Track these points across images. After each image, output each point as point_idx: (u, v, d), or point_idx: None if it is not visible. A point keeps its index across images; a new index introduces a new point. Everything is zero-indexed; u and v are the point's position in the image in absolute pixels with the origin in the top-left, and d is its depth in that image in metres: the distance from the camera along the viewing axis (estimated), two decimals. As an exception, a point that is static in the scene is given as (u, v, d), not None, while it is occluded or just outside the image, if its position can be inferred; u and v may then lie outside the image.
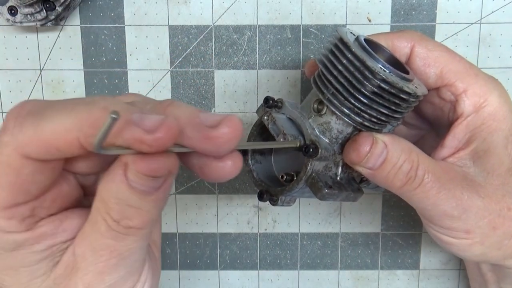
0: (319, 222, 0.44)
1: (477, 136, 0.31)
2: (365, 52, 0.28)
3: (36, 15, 0.38)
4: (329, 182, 0.30)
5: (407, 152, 0.29)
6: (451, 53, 0.32)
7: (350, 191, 0.31)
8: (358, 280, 0.45)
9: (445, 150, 0.31)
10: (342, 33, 0.29)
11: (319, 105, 0.30)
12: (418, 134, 0.37)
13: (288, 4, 0.40)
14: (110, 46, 0.41)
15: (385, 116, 0.29)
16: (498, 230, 0.30)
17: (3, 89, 0.42)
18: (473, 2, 0.40)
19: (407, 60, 0.32)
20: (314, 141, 0.29)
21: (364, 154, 0.29)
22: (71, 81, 0.42)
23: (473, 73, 0.31)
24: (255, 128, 0.33)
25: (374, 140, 0.29)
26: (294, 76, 0.41)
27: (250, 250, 0.45)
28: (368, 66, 0.27)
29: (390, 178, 0.30)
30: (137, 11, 0.41)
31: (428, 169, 0.29)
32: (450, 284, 0.45)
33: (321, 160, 0.30)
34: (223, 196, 0.44)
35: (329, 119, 0.30)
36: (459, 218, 0.30)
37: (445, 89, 0.31)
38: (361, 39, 0.29)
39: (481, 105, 0.30)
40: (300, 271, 0.45)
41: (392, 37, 0.32)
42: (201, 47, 0.41)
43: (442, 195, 0.29)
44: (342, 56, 0.28)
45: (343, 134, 0.30)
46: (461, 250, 0.31)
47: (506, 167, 0.31)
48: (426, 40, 0.32)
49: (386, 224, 0.44)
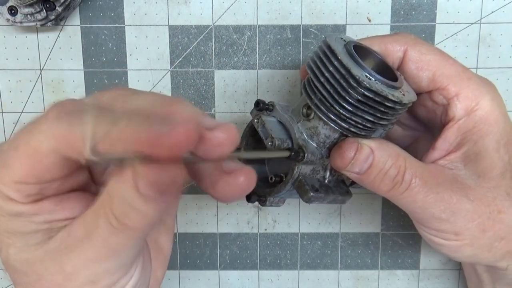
0: (319, 222, 0.44)
1: (468, 139, 0.31)
2: (352, 60, 0.29)
3: (36, 15, 0.38)
4: (316, 185, 0.31)
5: (394, 157, 0.30)
6: (444, 56, 0.32)
7: (337, 194, 0.32)
8: (358, 280, 0.45)
9: (436, 153, 0.32)
10: (330, 40, 0.29)
11: (307, 110, 0.31)
12: (413, 135, 0.37)
13: (288, 4, 0.40)
14: (110, 46, 0.41)
15: (370, 123, 0.29)
16: (488, 232, 0.30)
17: (3, 89, 0.42)
18: (473, 2, 0.40)
19: (400, 64, 0.32)
20: (301, 146, 0.30)
21: (349, 160, 0.29)
22: (71, 81, 0.42)
23: (465, 77, 0.31)
24: (248, 129, 0.34)
25: (359, 146, 0.29)
26: (294, 76, 0.42)
27: (250, 250, 0.45)
28: (352, 75, 0.28)
29: (377, 183, 0.30)
30: (137, 11, 0.41)
31: (416, 173, 0.30)
32: (450, 284, 0.45)
33: (307, 164, 0.30)
34: (223, 196, 0.44)
35: (316, 124, 0.31)
36: (447, 220, 0.30)
37: (437, 93, 0.31)
38: (349, 46, 0.30)
39: (472, 109, 0.31)
40: (300, 271, 0.45)
41: (385, 41, 0.32)
42: (201, 47, 0.41)
43: (430, 198, 0.30)
44: (329, 63, 0.29)
45: (330, 139, 0.31)
46: (451, 251, 0.32)
47: (499, 170, 0.31)
48: (420, 43, 0.32)
49: (386, 224, 0.44)
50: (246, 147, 0.34)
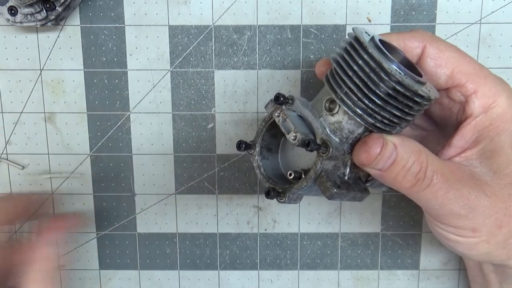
0: (319, 222, 0.44)
1: (485, 137, 0.31)
2: (380, 53, 0.28)
3: (36, 15, 0.38)
4: (338, 181, 0.30)
5: (417, 153, 0.30)
6: (462, 53, 0.32)
7: (357, 191, 0.31)
8: (358, 280, 0.45)
9: (452, 150, 0.32)
10: (358, 33, 0.29)
11: (331, 104, 0.30)
12: (420, 135, 0.37)
13: (288, 4, 0.40)
14: (110, 46, 0.41)
15: (397, 118, 0.29)
16: (503, 228, 0.30)
17: (3, 89, 0.42)
18: (473, 2, 0.40)
19: (418, 61, 0.32)
20: (325, 140, 0.29)
21: (375, 156, 0.29)
22: (71, 81, 0.42)
23: (483, 74, 0.31)
24: (264, 123, 0.33)
25: (384, 142, 0.29)
26: (294, 76, 0.41)
27: (250, 250, 0.45)
28: (384, 68, 0.27)
29: (399, 179, 0.30)
30: (137, 11, 0.41)
31: (437, 170, 0.30)
32: (450, 284, 0.45)
33: (331, 160, 0.30)
34: (223, 196, 0.44)
35: (340, 119, 0.30)
36: (466, 216, 0.30)
37: (455, 90, 0.32)
38: (376, 40, 0.29)
39: (490, 106, 0.31)
40: (300, 271, 0.45)
41: (403, 38, 0.32)
42: (201, 47, 0.41)
43: (451, 195, 0.29)
44: (358, 56, 0.28)
45: (353, 135, 0.30)
46: (467, 249, 0.32)
47: None
48: (437, 40, 0.32)
49: (386, 224, 0.44)
50: (261, 142, 0.33)
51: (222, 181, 0.43)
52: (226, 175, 0.43)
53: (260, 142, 0.33)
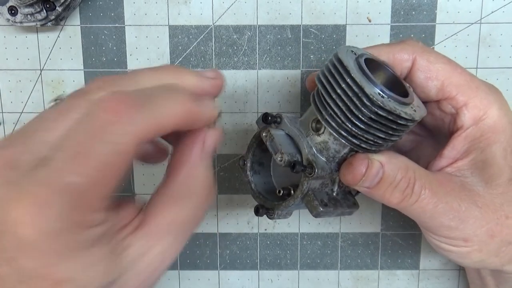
0: (319, 222, 0.44)
1: (476, 147, 0.31)
2: (364, 76, 0.28)
3: (36, 15, 0.38)
4: (325, 199, 0.31)
5: (404, 170, 0.30)
6: (453, 64, 0.32)
7: (345, 206, 0.32)
8: (358, 280, 0.45)
9: (444, 160, 0.32)
10: (341, 54, 0.29)
11: (317, 124, 0.31)
12: (416, 140, 0.37)
13: (288, 4, 0.40)
14: (110, 46, 0.41)
15: (381, 139, 0.29)
16: (496, 238, 0.31)
17: (3, 89, 0.42)
18: (473, 2, 0.40)
19: (409, 73, 0.32)
20: (311, 161, 0.30)
21: (360, 176, 0.29)
22: (71, 81, 0.42)
23: (474, 85, 0.31)
24: (255, 139, 0.34)
25: (370, 162, 0.29)
26: (294, 76, 0.42)
27: (250, 250, 0.45)
28: (366, 93, 0.27)
29: (387, 196, 0.30)
30: (137, 11, 0.41)
31: (425, 185, 0.30)
32: (450, 284, 0.45)
33: (317, 179, 0.30)
34: (223, 196, 0.44)
35: (326, 139, 0.30)
36: (456, 228, 0.30)
37: (446, 102, 0.32)
38: (361, 60, 0.29)
39: (480, 118, 0.31)
40: (300, 271, 0.45)
41: (393, 51, 0.32)
42: (201, 47, 0.41)
43: (440, 208, 0.30)
44: (341, 80, 0.28)
45: (340, 154, 0.31)
46: (460, 258, 0.32)
47: (506, 177, 0.31)
48: (428, 52, 0.32)
49: (386, 224, 0.44)
50: (252, 158, 0.34)
51: (222, 181, 0.43)
52: (226, 175, 0.43)
53: (251, 158, 0.34)
